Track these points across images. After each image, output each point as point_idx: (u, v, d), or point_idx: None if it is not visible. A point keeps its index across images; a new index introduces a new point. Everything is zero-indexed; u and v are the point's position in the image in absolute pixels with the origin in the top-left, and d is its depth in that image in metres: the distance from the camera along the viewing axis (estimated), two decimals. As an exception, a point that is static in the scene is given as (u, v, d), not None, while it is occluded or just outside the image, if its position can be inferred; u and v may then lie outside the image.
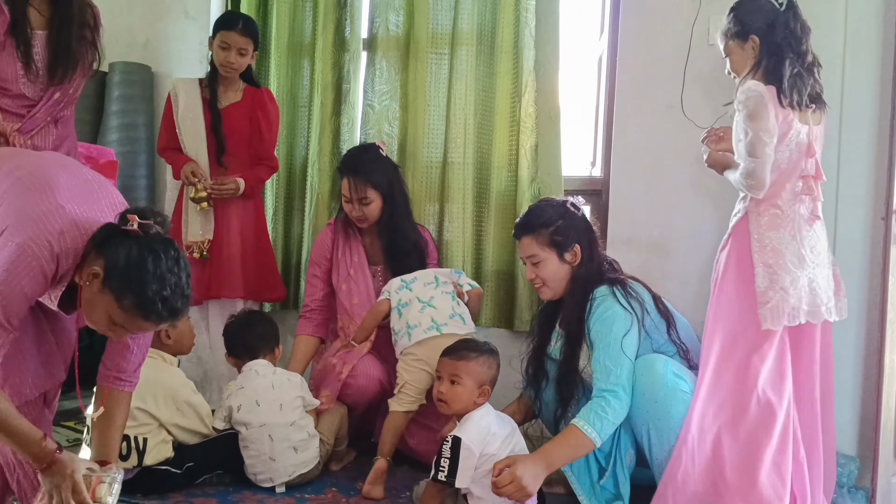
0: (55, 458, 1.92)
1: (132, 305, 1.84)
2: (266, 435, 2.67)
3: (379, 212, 3.10)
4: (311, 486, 2.73)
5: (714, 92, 3.13)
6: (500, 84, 3.46)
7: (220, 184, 3.29)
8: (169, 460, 2.60)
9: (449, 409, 2.41)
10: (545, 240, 2.64)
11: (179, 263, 1.89)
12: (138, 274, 1.83)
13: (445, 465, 2.28)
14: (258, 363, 2.83)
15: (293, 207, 3.85)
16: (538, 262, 2.65)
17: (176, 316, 1.91)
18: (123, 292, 1.83)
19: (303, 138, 3.81)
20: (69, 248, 1.88)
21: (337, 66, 3.73)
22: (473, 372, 2.40)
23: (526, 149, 3.41)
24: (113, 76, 4.10)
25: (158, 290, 1.83)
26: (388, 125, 3.63)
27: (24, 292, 1.83)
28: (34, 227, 1.85)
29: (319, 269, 3.22)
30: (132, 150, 3.99)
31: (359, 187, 3.05)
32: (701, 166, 2.89)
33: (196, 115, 3.37)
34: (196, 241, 3.33)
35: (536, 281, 2.68)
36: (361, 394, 2.98)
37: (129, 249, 1.84)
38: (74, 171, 2.06)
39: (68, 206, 1.90)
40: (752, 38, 2.54)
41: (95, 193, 2.03)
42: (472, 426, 2.34)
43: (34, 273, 1.83)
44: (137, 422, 2.50)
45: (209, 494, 2.62)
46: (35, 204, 1.89)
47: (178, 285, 1.87)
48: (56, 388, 2.21)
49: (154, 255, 1.85)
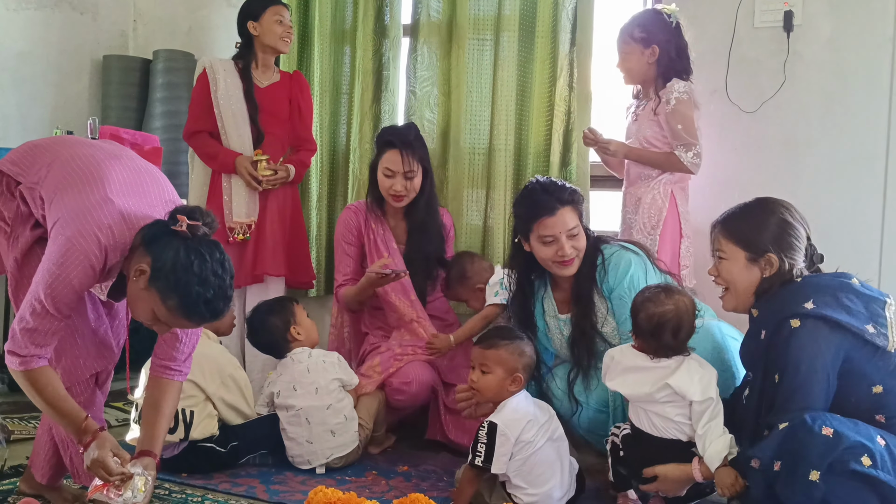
0: (97, 435, 1.98)
1: (176, 306, 1.89)
2: (303, 419, 2.71)
3: (419, 188, 3.12)
4: (351, 469, 2.76)
5: (759, 76, 3.09)
6: (538, 69, 3.43)
7: (273, 172, 3.31)
8: (214, 438, 2.65)
9: (482, 397, 2.42)
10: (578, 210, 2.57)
11: (224, 266, 1.93)
12: (185, 276, 1.87)
13: (482, 450, 2.28)
14: (293, 351, 2.86)
15: (336, 193, 3.88)
16: (577, 233, 2.55)
17: (217, 317, 1.96)
18: (168, 293, 1.88)
19: (344, 125, 3.84)
20: (117, 241, 1.92)
21: (377, 54, 3.75)
22: (502, 360, 2.38)
23: (559, 133, 3.38)
24: (157, 64, 4.17)
25: (202, 293, 1.88)
26: (429, 111, 3.63)
27: (72, 284, 1.89)
28: (83, 220, 1.90)
29: (350, 248, 3.23)
30: (176, 137, 4.04)
31: (412, 160, 3.05)
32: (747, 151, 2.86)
33: (237, 98, 3.36)
34: (241, 223, 3.35)
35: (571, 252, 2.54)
36: (413, 400, 3.00)
37: (176, 251, 1.88)
38: (127, 163, 2.11)
39: (117, 200, 1.95)
40: (654, 47, 2.91)
41: (146, 186, 2.08)
42: (509, 412, 2.34)
43: (83, 266, 1.88)
44: (185, 394, 2.53)
45: (252, 475, 2.67)
46: (86, 197, 1.94)
47: (222, 287, 1.91)
48: (109, 370, 2.27)
49: (200, 258, 1.89)
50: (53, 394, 1.97)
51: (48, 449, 2.26)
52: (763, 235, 2.12)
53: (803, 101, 3.07)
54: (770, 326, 2.04)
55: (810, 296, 1.99)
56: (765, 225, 2.13)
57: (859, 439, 1.82)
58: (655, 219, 2.91)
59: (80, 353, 2.12)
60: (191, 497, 2.44)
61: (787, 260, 2.10)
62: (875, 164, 2.99)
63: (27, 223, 2.08)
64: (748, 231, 2.14)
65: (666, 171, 2.93)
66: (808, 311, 1.95)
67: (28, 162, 2.09)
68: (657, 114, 2.92)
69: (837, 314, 1.95)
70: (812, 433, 1.83)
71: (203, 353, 2.59)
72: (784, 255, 2.10)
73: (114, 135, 3.67)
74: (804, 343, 1.95)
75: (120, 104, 4.24)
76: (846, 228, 3.00)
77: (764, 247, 2.11)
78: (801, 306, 1.97)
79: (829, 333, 1.95)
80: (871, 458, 1.80)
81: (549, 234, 2.52)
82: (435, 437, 3.05)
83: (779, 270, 2.10)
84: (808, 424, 1.85)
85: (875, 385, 1.94)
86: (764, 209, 2.18)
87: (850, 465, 1.79)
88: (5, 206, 2.10)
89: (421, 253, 3.16)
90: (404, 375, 2.96)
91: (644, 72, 2.97)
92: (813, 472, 1.81)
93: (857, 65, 3.01)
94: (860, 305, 1.98)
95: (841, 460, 1.80)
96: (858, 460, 1.80)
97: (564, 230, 2.51)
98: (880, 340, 1.93)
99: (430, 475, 2.73)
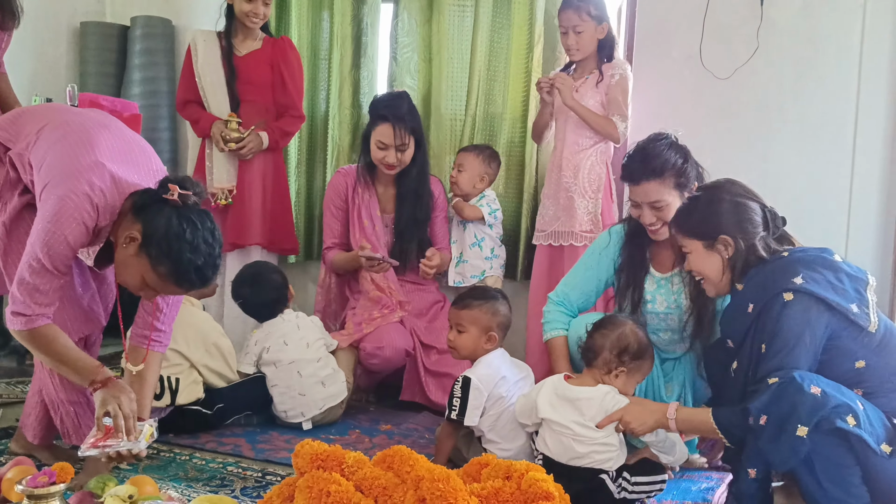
0: (110, 378, 2.03)
1: (167, 273, 1.93)
2: (295, 372, 2.81)
3: (411, 158, 3.17)
4: (334, 428, 2.84)
5: (732, 43, 3.15)
6: (516, 35, 3.47)
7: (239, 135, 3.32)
8: (200, 401, 2.71)
9: (458, 354, 2.51)
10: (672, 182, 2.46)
11: (214, 235, 1.98)
12: (177, 244, 1.91)
13: (457, 404, 2.38)
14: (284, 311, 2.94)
15: (315, 160, 3.90)
16: (662, 207, 2.47)
17: (206, 284, 2.01)
18: (160, 259, 1.92)
19: (323, 91, 3.85)
20: (107, 203, 1.96)
21: (356, 19, 3.76)
22: (476, 319, 2.48)
23: (537, 101, 3.41)
24: (134, 30, 4.14)
25: (193, 260, 1.93)
26: (409, 78, 3.66)
27: (67, 241, 1.93)
28: (74, 180, 1.93)
29: (338, 212, 3.30)
30: (154, 104, 4.05)
31: (404, 133, 3.11)
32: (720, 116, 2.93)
33: (216, 66, 3.40)
34: (222, 188, 3.38)
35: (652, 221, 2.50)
36: (387, 364, 3.07)
37: (168, 219, 1.92)
38: (116, 132, 2.14)
39: (108, 164, 1.98)
40: (605, 24, 3.08)
41: (135, 156, 2.11)
42: (482, 368, 2.44)
43: (76, 222, 1.92)
44: (170, 362, 2.61)
45: (238, 434, 2.74)
46: (76, 159, 1.97)
47: (212, 255, 1.97)
48: (97, 334, 2.31)
49: (192, 226, 1.93)
50: (63, 348, 2.02)
51: (39, 410, 2.31)
52: (712, 221, 2.18)
53: (776, 68, 3.13)
54: (759, 300, 2.08)
55: (799, 271, 2.03)
56: (712, 211, 2.18)
57: (845, 400, 1.89)
58: (596, 183, 3.10)
59: (67, 317, 2.15)
60: (178, 455, 2.50)
61: (740, 237, 2.14)
62: (845, 129, 3.07)
63: (15, 189, 2.11)
64: (697, 222, 2.21)
65: (599, 135, 3.08)
66: (798, 287, 2.00)
67: (17, 128, 2.11)
68: (598, 87, 3.09)
69: (826, 292, 2.00)
70: (802, 391, 1.89)
71: (187, 321, 2.67)
72: (738, 232, 2.14)
73: (93, 101, 3.65)
74: (796, 315, 2.00)
75: (98, 71, 4.21)
76: (816, 191, 3.09)
77: (714, 232, 2.16)
78: (790, 281, 2.02)
79: (818, 310, 2.00)
80: (856, 418, 1.88)
81: (634, 200, 2.52)
82: (413, 398, 3.12)
83: (737, 248, 2.14)
84: (798, 382, 1.91)
85: (858, 360, 2.01)
86: (709, 197, 2.22)
87: (836, 423, 1.87)
88: None
89: (411, 220, 3.21)
90: (377, 340, 3.03)
91: (591, 48, 3.10)
92: (801, 427, 1.88)
93: (828, 32, 3.07)
94: (847, 284, 2.03)
95: (828, 418, 1.87)
96: (844, 419, 1.87)
97: (646, 201, 2.48)
98: (863, 321, 1.99)
99: (411, 433, 2.81)
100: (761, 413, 1.94)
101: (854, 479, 1.92)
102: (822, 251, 2.12)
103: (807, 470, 1.94)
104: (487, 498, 1.76)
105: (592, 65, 3.14)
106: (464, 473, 1.91)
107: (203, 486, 2.25)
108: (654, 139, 2.51)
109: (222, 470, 2.40)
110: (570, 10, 3.07)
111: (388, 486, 1.78)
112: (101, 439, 1.97)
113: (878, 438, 1.91)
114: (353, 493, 1.75)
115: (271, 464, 2.46)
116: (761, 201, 2.20)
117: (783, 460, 1.93)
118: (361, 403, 3.17)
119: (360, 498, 1.74)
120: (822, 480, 1.93)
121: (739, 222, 2.16)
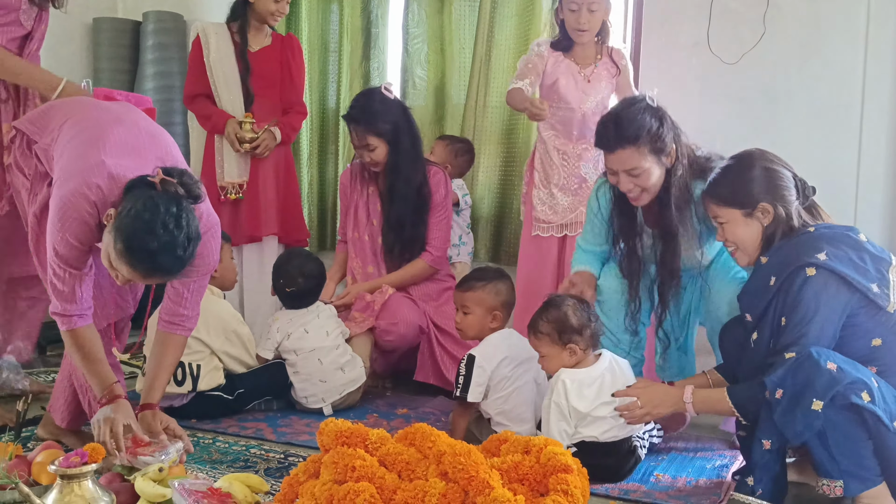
0: (118, 397, 2.12)
1: (122, 251, 1.91)
2: (316, 359, 2.86)
3: (385, 157, 3.17)
4: (353, 413, 2.89)
5: (739, 28, 3.18)
6: (520, 24, 3.51)
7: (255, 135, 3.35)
8: (221, 387, 2.77)
9: (466, 335, 2.62)
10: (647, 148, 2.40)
11: (180, 223, 1.91)
12: (134, 223, 1.89)
13: (462, 381, 2.46)
14: None
15: (327, 152, 3.95)
16: (639, 174, 2.41)
17: (164, 272, 1.96)
18: (118, 237, 1.91)
19: (334, 83, 3.90)
20: (106, 197, 2.00)
21: (365, 11, 3.81)
22: (480, 300, 2.56)
23: (544, 88, 3.45)
24: (147, 25, 4.20)
25: (146, 243, 1.88)
26: (420, 68, 3.70)
27: (71, 242, 2.00)
28: (74, 181, 2.00)
29: (343, 206, 3.40)
30: (168, 98, 4.10)
31: (360, 135, 3.14)
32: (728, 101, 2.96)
33: (229, 61, 3.42)
34: (232, 182, 3.43)
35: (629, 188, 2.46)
36: (402, 341, 3.11)
37: (136, 199, 1.92)
38: (131, 126, 2.19)
39: (109, 161, 2.03)
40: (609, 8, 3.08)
41: (143, 148, 2.15)
42: (487, 346, 2.51)
43: (77, 221, 1.99)
44: (191, 349, 2.66)
45: (259, 419, 2.79)
46: (82, 159, 2.04)
47: (170, 243, 1.89)
48: (126, 321, 2.39)
49: (154, 209, 1.89)
50: (88, 354, 2.12)
51: (68, 393, 2.37)
52: (749, 188, 2.19)
53: (782, 52, 3.16)
54: (782, 274, 2.11)
55: (823, 248, 2.06)
56: (748, 179, 2.20)
57: (860, 376, 1.94)
58: None
59: (95, 305, 2.22)
60: (202, 439, 2.56)
61: (779, 204, 2.17)
62: (851, 113, 3.11)
63: (44, 180, 2.19)
64: (734, 190, 2.21)
65: None
66: (821, 262, 2.03)
67: (44, 122, 2.19)
68: (614, 75, 3.10)
69: (847, 269, 2.03)
70: (818, 366, 1.94)
71: (209, 309, 2.72)
72: (776, 200, 2.17)
73: (108, 96, 3.65)
74: (818, 290, 2.03)
75: (111, 66, 4.27)
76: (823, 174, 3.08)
77: (755, 198, 2.18)
78: (814, 257, 2.05)
79: (837, 287, 2.03)
80: (870, 394, 1.93)
81: (610, 168, 2.47)
82: (427, 379, 3.17)
83: (776, 216, 2.17)
84: (815, 357, 1.95)
85: (875, 338, 2.04)
86: (742, 165, 2.23)
87: (850, 399, 1.91)
88: (25, 163, 2.21)
89: (394, 218, 3.22)
90: (391, 316, 3.07)
91: (598, 28, 3.09)
92: (816, 401, 1.92)
93: (833, 16, 3.10)
94: (869, 264, 2.06)
95: (843, 394, 1.92)
96: (859, 395, 1.92)
97: (622, 168, 2.42)
98: (882, 301, 2.03)
99: (428, 416, 2.87)
100: (777, 387, 1.99)
101: (866, 453, 1.96)
102: (848, 229, 2.16)
103: (820, 443, 1.98)
104: (507, 471, 1.81)
105: (592, 49, 3.12)
106: (483, 449, 1.96)
107: (227, 468, 2.30)
108: (628, 104, 2.49)
109: (245, 452, 2.45)
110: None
111: (410, 462, 1.82)
112: (131, 449, 2.04)
113: (892, 415, 1.95)
114: (378, 467, 1.79)
115: (293, 446, 2.52)
116: (792, 169, 2.23)
117: (797, 433, 1.98)
118: (378, 389, 3.22)
119: (384, 472, 1.79)
120: (834, 454, 1.97)
121: (776, 189, 2.18)
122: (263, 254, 3.48)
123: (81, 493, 1.72)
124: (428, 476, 1.78)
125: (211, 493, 1.85)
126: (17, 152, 2.26)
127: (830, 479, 1.98)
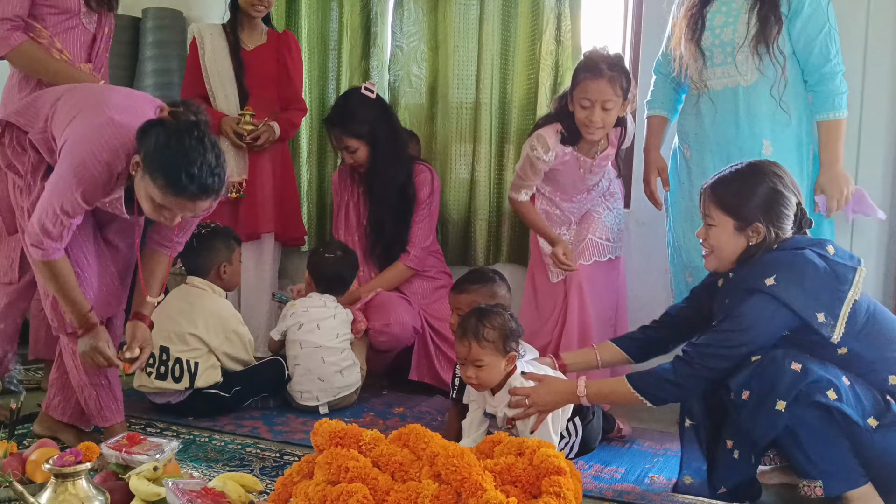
0: (94, 328, 2.20)
1: (163, 184, 1.99)
2: (319, 356, 2.88)
3: (366, 157, 3.19)
4: (349, 411, 2.90)
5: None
6: (522, 22, 3.48)
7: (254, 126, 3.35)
8: (218, 385, 2.78)
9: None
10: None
11: (204, 143, 2.01)
12: (164, 153, 1.98)
13: (457, 383, 2.49)
14: (328, 297, 3.02)
15: (326, 150, 3.94)
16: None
17: (208, 192, 2.03)
18: (155, 173, 1.99)
19: (333, 82, 3.88)
20: (118, 151, 2.05)
21: (365, 9, 3.79)
22: (475, 303, 2.43)
23: (546, 87, 3.43)
24: (146, 22, 4.19)
25: (185, 167, 1.97)
26: (416, 66, 3.69)
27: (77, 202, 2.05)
28: (87, 141, 2.05)
29: (336, 208, 3.43)
30: (167, 95, 4.07)
31: (337, 137, 3.18)
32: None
33: (223, 60, 3.42)
34: (232, 182, 3.42)
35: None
36: (396, 341, 3.11)
37: (157, 135, 2.01)
38: (125, 91, 2.29)
39: (117, 117, 2.08)
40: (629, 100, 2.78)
41: (142, 106, 2.20)
42: None
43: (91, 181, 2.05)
44: (189, 346, 2.70)
45: (255, 417, 2.80)
46: (89, 119, 2.08)
47: (206, 163, 2.00)
48: (120, 314, 2.42)
49: (178, 136, 2.00)
50: (65, 284, 2.15)
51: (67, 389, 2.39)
52: (752, 204, 2.08)
53: (782, 53, 3.15)
54: (734, 295, 2.10)
55: (774, 272, 2.01)
56: (754, 193, 2.09)
57: (826, 375, 1.95)
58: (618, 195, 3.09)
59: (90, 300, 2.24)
60: (198, 437, 2.57)
61: (773, 230, 2.08)
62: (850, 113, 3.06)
63: (38, 173, 2.19)
64: (737, 199, 2.10)
65: None
66: (766, 289, 2.00)
67: (33, 111, 2.19)
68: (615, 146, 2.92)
69: (793, 297, 1.98)
70: (782, 368, 1.96)
71: (210, 308, 2.78)
72: (771, 224, 2.08)
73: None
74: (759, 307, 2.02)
75: (110, 63, 4.24)
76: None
77: (752, 217, 2.08)
78: (762, 282, 2.01)
79: (776, 311, 2.00)
80: (837, 392, 1.93)
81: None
82: (422, 378, 3.17)
83: (765, 239, 2.08)
84: (779, 359, 1.97)
85: (840, 348, 2.02)
86: (754, 176, 2.12)
87: (814, 397, 1.93)
88: (19, 161, 2.20)
89: (376, 219, 3.24)
90: (384, 317, 3.07)
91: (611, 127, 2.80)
92: (780, 401, 1.94)
93: (833, 16, 3.09)
94: (822, 285, 2.00)
95: (806, 392, 1.93)
96: (824, 393, 1.93)
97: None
98: (826, 331, 1.98)
99: (423, 416, 2.87)
100: (743, 388, 2.01)
101: (841, 451, 1.98)
102: (816, 243, 2.10)
103: (793, 443, 2.00)
104: (500, 473, 1.82)
105: (604, 141, 2.87)
106: (477, 451, 1.96)
107: (223, 466, 2.31)
108: None
109: (241, 451, 2.46)
110: (604, 80, 2.65)
111: (404, 463, 1.83)
112: (126, 447, 2.03)
113: (865, 412, 1.96)
114: (371, 468, 1.80)
115: (289, 445, 2.53)
116: (799, 196, 2.15)
117: (763, 433, 2.00)
118: (375, 388, 3.22)
119: (377, 473, 1.80)
120: (810, 454, 1.99)
121: (777, 215, 2.09)
122: (261, 252, 3.48)
123: (76, 491, 1.72)
124: (421, 477, 1.79)
125: (205, 492, 1.86)
126: (7, 151, 2.25)
127: (810, 480, 2.00)
